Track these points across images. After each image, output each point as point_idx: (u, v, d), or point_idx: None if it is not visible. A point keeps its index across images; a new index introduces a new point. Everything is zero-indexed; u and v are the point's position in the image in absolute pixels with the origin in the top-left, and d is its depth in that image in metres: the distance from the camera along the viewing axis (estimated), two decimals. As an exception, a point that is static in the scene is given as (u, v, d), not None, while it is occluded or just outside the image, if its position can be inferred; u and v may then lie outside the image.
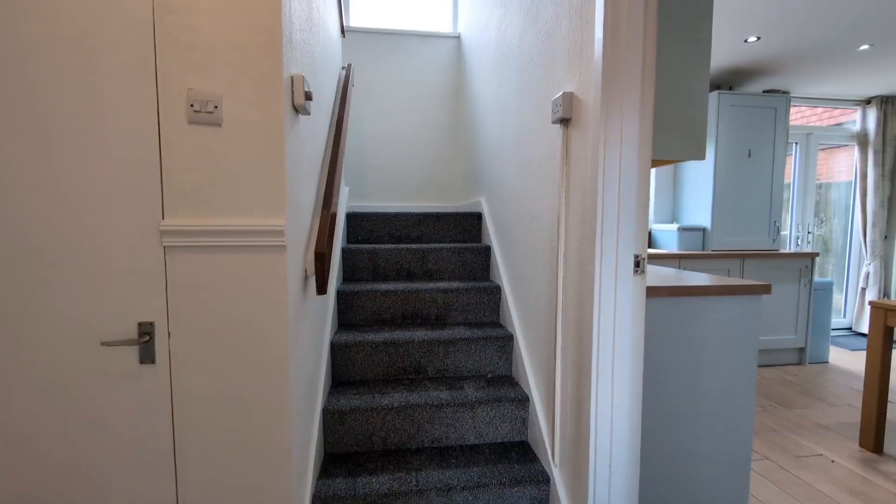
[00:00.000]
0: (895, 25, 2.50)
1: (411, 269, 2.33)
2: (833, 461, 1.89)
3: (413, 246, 2.33)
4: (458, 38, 3.21)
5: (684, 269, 3.11)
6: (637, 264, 1.13)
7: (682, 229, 3.24)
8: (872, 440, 1.97)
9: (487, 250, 2.36)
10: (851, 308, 4.27)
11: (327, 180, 1.58)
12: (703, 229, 3.26)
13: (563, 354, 1.37)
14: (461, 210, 2.91)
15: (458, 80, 3.21)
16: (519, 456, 1.59)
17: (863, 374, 3.08)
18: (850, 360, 3.41)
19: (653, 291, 1.34)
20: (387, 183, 3.23)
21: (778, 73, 3.31)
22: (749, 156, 3.22)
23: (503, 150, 2.10)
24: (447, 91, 3.23)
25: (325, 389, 1.67)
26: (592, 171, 1.13)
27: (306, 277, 1.37)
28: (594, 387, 1.19)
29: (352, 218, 2.54)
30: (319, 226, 1.41)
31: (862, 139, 4.02)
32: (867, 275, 4.06)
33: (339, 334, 1.90)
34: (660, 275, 1.72)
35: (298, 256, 1.26)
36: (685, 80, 1.41)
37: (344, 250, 2.27)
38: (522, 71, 1.77)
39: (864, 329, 4.08)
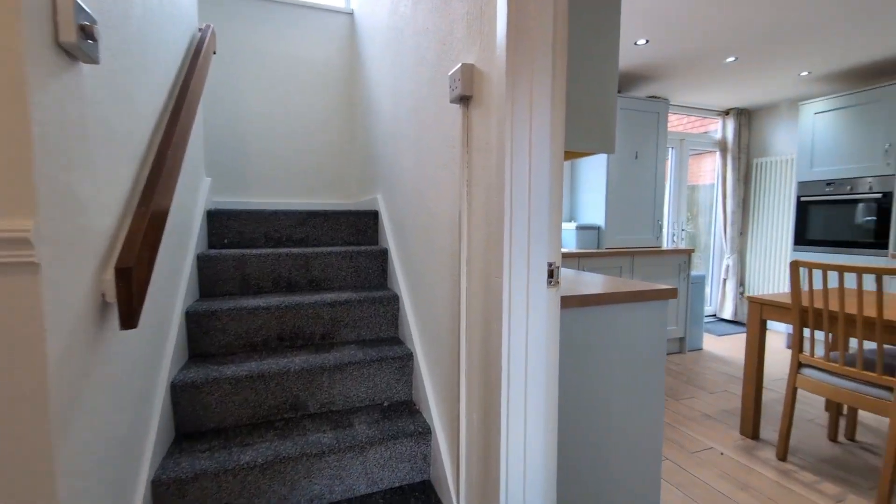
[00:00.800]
0: (757, 40, 2.75)
1: (292, 279, 1.93)
2: (722, 453, 1.96)
3: (295, 250, 1.94)
4: (351, 14, 2.85)
5: (583, 268, 3.18)
6: (551, 274, 0.93)
7: (580, 228, 3.29)
8: (751, 428, 2.10)
9: (384, 254, 2.07)
10: (716, 297, 4.82)
11: (153, 166, 1.15)
12: (598, 228, 3.36)
13: (469, 381, 1.13)
14: (356, 208, 2.57)
15: (352, 61, 2.85)
16: (420, 502, 1.33)
17: (731, 358, 3.45)
18: (719, 346, 3.79)
19: (563, 301, 1.17)
20: (268, 175, 2.75)
21: (660, 80, 3.53)
22: (636, 157, 3.39)
23: (399, 138, 1.82)
24: (341, 73, 2.86)
25: (159, 451, 1.23)
26: (498, 160, 0.91)
27: (105, 304, 0.94)
28: (504, 420, 0.97)
29: (215, 217, 2.06)
30: (130, 229, 0.99)
31: (723, 146, 4.55)
32: (727, 267, 4.60)
33: (186, 370, 1.45)
34: (567, 277, 1.60)
35: (81, 276, 0.84)
36: (595, 67, 1.27)
37: (200, 258, 1.80)
38: (417, 45, 1.51)
39: (727, 315, 4.64)
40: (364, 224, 2.31)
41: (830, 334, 1.78)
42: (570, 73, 1.20)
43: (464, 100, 1.06)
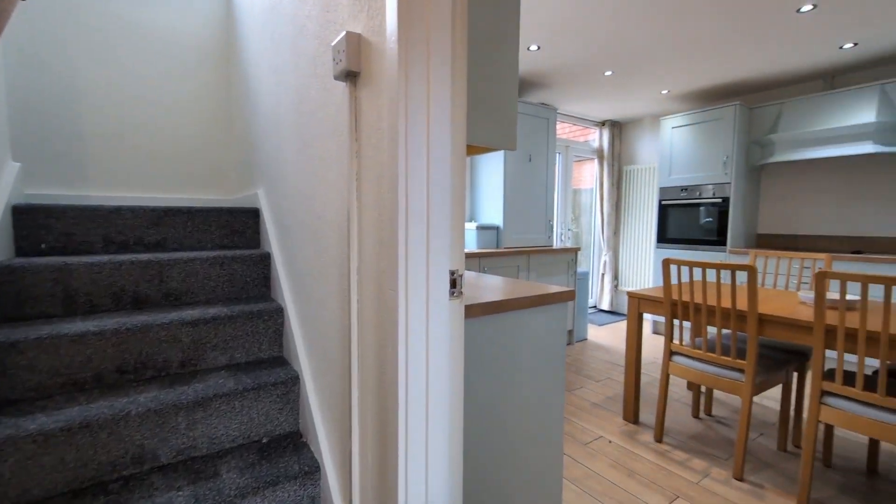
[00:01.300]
0: (629, 57, 3.03)
1: (141, 293, 1.55)
2: (610, 441, 2.08)
3: (144, 257, 1.56)
4: (223, -21, 2.45)
5: (484, 268, 3.20)
6: (454, 284, 0.82)
7: (481, 228, 3.31)
8: (632, 413, 2.28)
9: (267, 259, 1.78)
10: (596, 290, 5.32)
11: None
12: (497, 228, 3.42)
13: (363, 411, 0.97)
14: (234, 205, 2.21)
15: (229, 35, 2.44)
16: (307, 555, 1.12)
17: (611, 346, 3.79)
18: (600, 335, 4.16)
19: (468, 311, 1.07)
20: (114, 163, 2.22)
21: (550, 88, 3.72)
22: (530, 160, 3.52)
23: (281, 123, 1.56)
24: (216, 47, 2.44)
25: None
26: (391, 149, 0.76)
27: None
28: (402, 458, 0.83)
29: (28, 214, 1.56)
30: None
31: (600, 154, 5.02)
32: (605, 263, 5.10)
33: (-43, 431, 1.03)
34: (471, 282, 1.52)
35: None
36: (497, 59, 1.19)
37: (1, 269, 1.33)
38: (296, 12, 1.28)
39: (605, 306, 5.14)
40: (242, 224, 1.97)
41: (695, 324, 2.00)
42: (471, 61, 1.11)
43: (350, 76, 0.89)
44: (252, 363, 1.51)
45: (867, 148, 3.05)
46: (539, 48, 2.86)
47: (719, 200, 3.76)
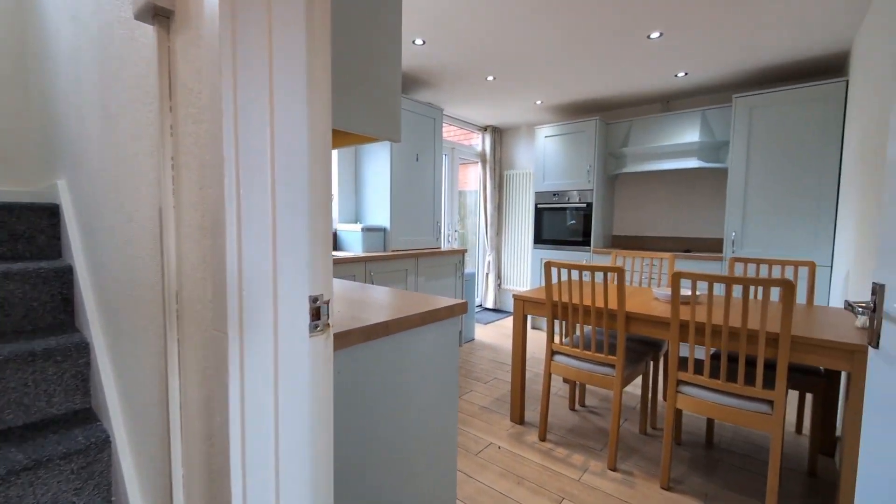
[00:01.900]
0: (509, 64, 3.11)
1: None
2: (500, 447, 2.06)
3: None
4: None
5: (371, 273, 2.97)
6: (317, 314, 0.61)
7: (366, 230, 3.08)
8: (518, 414, 2.31)
9: (68, 274, 1.32)
10: (482, 289, 5.48)
11: None
12: (384, 229, 3.23)
13: (188, 498, 0.70)
14: (25, 199, 1.63)
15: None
16: None
17: (497, 344, 3.90)
18: (487, 333, 4.26)
19: (344, 338, 0.87)
20: None
21: (437, 87, 3.66)
22: (417, 160, 3.41)
23: (83, 88, 1.14)
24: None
25: None
26: (212, 123, 0.52)
27: None
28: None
29: None
30: None
31: (483, 158, 5.17)
32: (489, 262, 5.28)
33: None
34: (346, 296, 1.30)
35: None
36: (377, 41, 1.01)
37: None
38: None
39: (490, 305, 5.32)
40: (31, 225, 1.45)
41: (572, 323, 2.09)
42: (344, 30, 0.90)
43: (160, 17, 0.62)
44: (37, 426, 1.07)
45: (693, 163, 3.63)
46: (424, 43, 2.75)
47: (584, 205, 4.14)
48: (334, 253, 2.98)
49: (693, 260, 3.49)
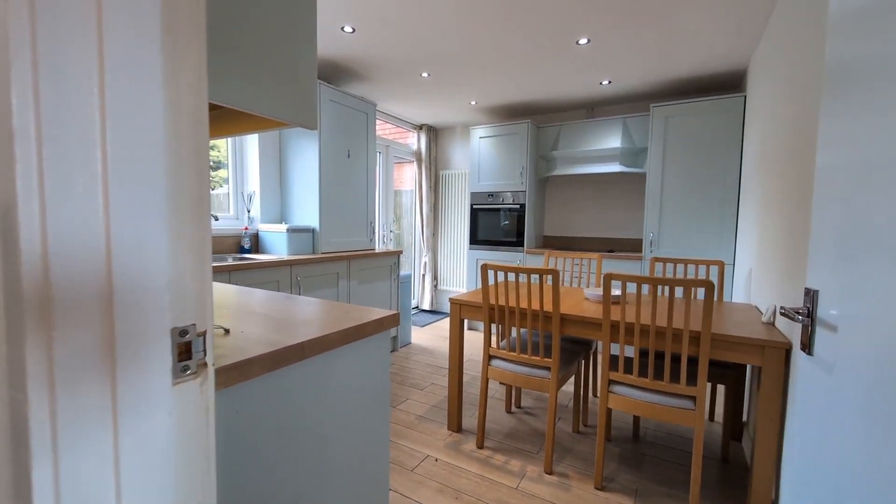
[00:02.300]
0: (445, 60, 3.03)
1: None
2: (437, 459, 1.97)
3: None
4: None
5: (299, 277, 2.73)
6: (185, 352, 0.46)
7: (292, 231, 2.84)
8: (456, 423, 2.24)
9: None
10: (418, 291, 5.38)
11: None
12: (313, 230, 3.00)
13: None
14: None
15: None
16: None
17: (434, 347, 3.82)
18: (423, 336, 4.16)
19: (240, 371, 0.71)
20: None
21: (369, 80, 3.49)
22: (349, 156, 3.22)
23: None
24: None
25: None
26: None
27: None
28: None
29: None
30: None
31: (418, 157, 5.07)
32: (425, 263, 5.20)
33: None
34: (262, 312, 1.13)
35: None
36: (287, 19, 0.86)
37: None
38: None
39: (426, 306, 5.24)
40: None
41: (508, 326, 2.06)
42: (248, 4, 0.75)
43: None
44: None
45: (616, 168, 3.82)
46: (354, 31, 2.58)
47: (517, 206, 4.20)
48: (255, 257, 2.70)
49: (617, 259, 3.67)
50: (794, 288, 1.60)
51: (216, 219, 2.47)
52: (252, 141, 2.98)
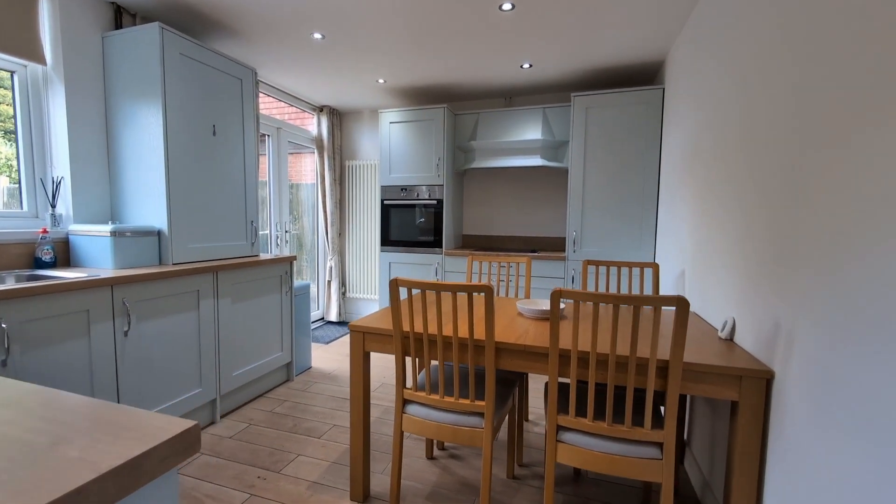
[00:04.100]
0: (343, 17, 2.41)
1: None
2: (333, 560, 1.41)
3: None
4: None
5: (133, 302, 1.87)
6: None
7: (120, 234, 2.01)
8: (361, 490, 1.68)
9: None
10: (323, 300, 4.66)
11: None
12: (158, 232, 2.19)
13: None
14: None
15: None
16: None
17: (338, 371, 3.16)
18: (327, 357, 3.50)
19: None
20: None
21: (245, 38, 2.72)
22: (214, 134, 2.44)
23: None
24: None
25: None
26: None
27: None
28: None
29: None
30: None
31: (319, 144, 4.34)
32: (330, 268, 4.50)
33: None
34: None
35: None
36: None
37: None
38: None
39: (333, 317, 4.55)
40: None
41: (428, 359, 1.56)
42: None
43: None
44: None
45: (537, 161, 3.54)
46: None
47: (434, 202, 3.74)
48: (57, 273, 1.84)
49: (542, 260, 3.40)
50: (761, 298, 1.33)
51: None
52: (56, 97, 2.07)
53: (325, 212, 4.37)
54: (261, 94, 3.65)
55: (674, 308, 1.26)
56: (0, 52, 1.87)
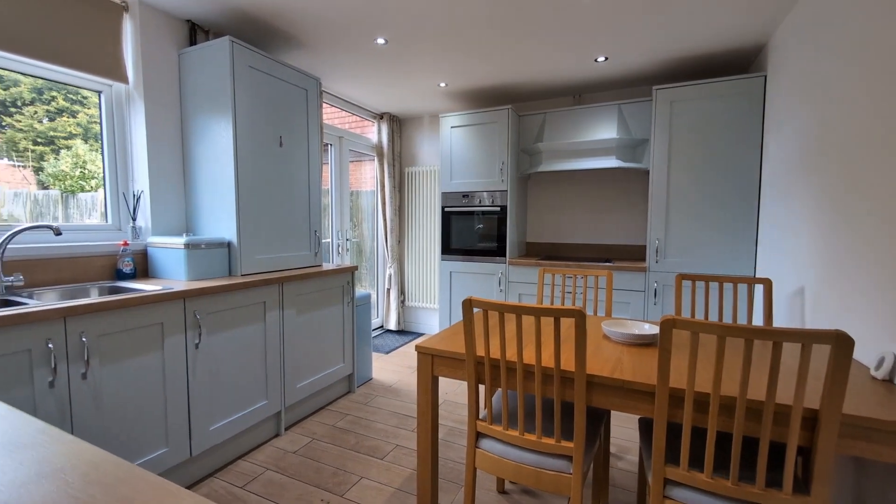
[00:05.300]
0: (407, 19, 2.32)
1: None
2: None
3: None
4: None
5: (201, 316, 1.87)
6: None
7: (193, 246, 2.04)
8: (430, 530, 1.54)
9: None
10: (382, 308, 4.63)
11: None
12: (228, 244, 2.21)
13: None
14: None
15: None
16: None
17: (400, 385, 3.04)
18: (388, 368, 3.43)
19: None
20: None
21: (310, 48, 2.72)
22: (281, 145, 2.45)
23: None
24: None
25: None
26: None
27: None
28: None
29: None
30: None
31: (379, 151, 4.33)
32: (390, 276, 4.46)
33: None
34: None
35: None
36: None
37: None
38: None
39: (392, 326, 4.50)
40: None
41: (506, 389, 1.37)
42: None
43: None
44: None
45: (612, 162, 3.24)
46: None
47: (497, 209, 3.56)
48: (136, 286, 1.89)
49: (618, 271, 3.08)
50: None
51: (57, 232, 1.63)
52: (137, 114, 2.16)
53: (384, 219, 4.35)
54: (323, 104, 3.69)
55: (829, 346, 0.98)
56: (89, 73, 1.97)
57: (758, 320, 2.52)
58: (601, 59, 2.91)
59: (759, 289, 2.56)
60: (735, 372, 1.25)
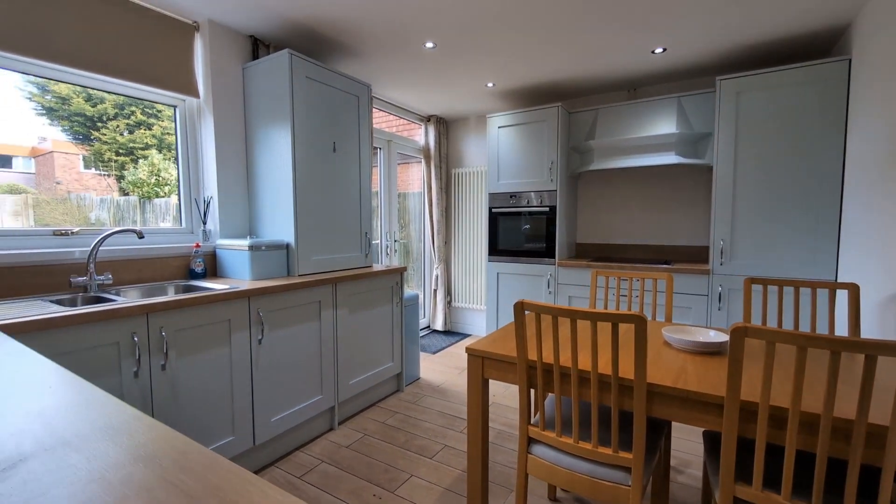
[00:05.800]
0: (455, 23, 2.33)
1: None
2: None
3: None
4: None
5: (263, 313, 1.98)
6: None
7: (256, 248, 2.17)
8: (481, 532, 1.53)
9: None
10: (429, 308, 4.68)
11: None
12: (287, 246, 2.33)
13: None
14: None
15: None
16: None
17: (448, 386, 3.07)
18: (435, 368, 3.46)
19: None
20: None
21: (360, 56, 2.82)
22: (334, 150, 2.54)
23: None
24: None
25: None
26: None
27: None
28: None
29: None
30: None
31: (426, 154, 4.38)
32: (436, 277, 4.50)
33: None
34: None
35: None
36: None
37: None
38: None
39: (439, 326, 4.54)
40: None
41: (559, 395, 1.34)
42: None
43: None
44: None
45: (671, 159, 3.07)
46: (329, -22, 1.91)
47: (546, 209, 3.48)
48: (206, 284, 2.04)
49: (678, 273, 2.91)
50: None
51: (140, 235, 1.81)
52: (207, 126, 2.33)
53: (431, 220, 4.39)
54: (373, 109, 3.79)
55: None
56: (167, 90, 2.16)
57: (840, 330, 2.29)
58: (659, 49, 2.77)
59: (841, 295, 2.33)
60: (814, 386, 1.14)
